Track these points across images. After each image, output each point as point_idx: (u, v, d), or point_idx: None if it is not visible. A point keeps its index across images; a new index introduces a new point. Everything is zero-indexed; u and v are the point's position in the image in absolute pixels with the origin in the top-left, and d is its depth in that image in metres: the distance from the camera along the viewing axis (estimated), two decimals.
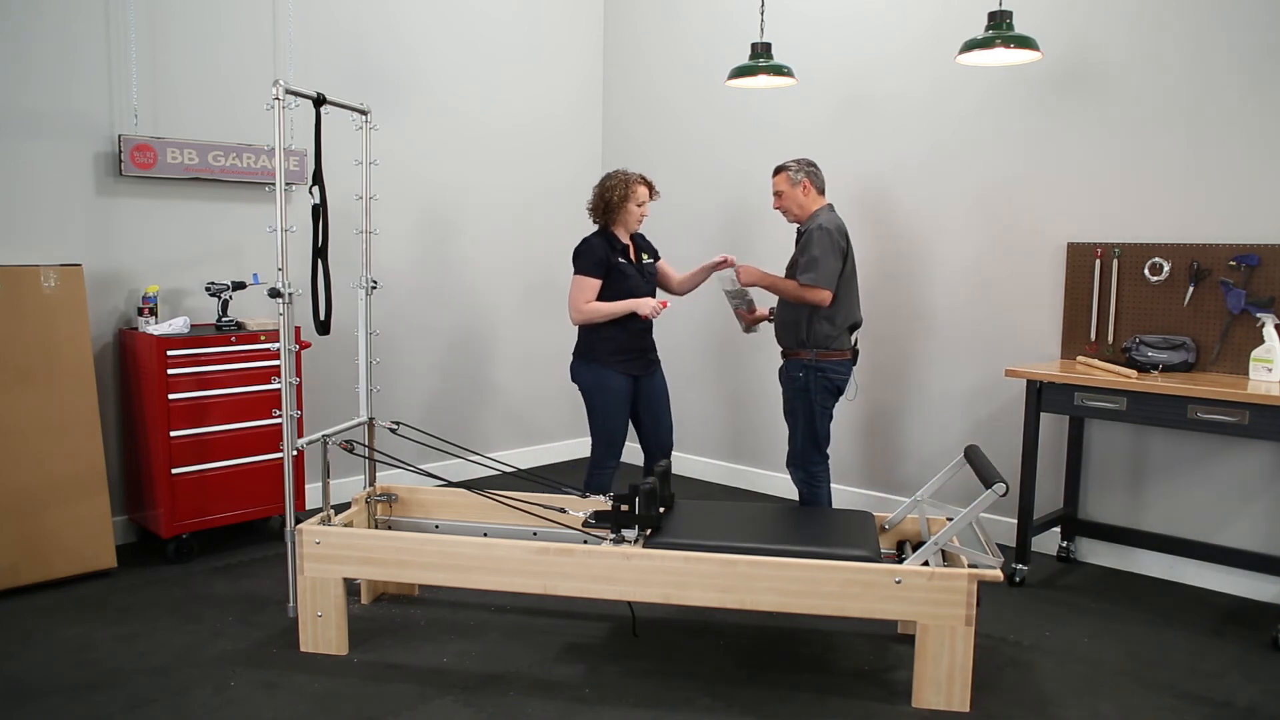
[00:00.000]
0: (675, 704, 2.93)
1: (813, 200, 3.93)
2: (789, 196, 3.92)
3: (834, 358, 3.86)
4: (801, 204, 3.92)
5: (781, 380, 4.00)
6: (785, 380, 3.96)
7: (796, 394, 3.90)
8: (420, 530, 3.66)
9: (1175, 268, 3.91)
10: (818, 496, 3.97)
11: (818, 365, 3.85)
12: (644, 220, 4.01)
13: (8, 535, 3.66)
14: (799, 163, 3.92)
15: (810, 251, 3.76)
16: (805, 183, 3.90)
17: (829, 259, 3.76)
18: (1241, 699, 3.02)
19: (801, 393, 3.88)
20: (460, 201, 5.42)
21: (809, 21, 5.00)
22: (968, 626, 2.84)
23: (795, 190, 3.90)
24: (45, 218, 4.02)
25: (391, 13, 5.03)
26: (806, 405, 3.89)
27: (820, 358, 3.85)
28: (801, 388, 3.88)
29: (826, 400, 3.90)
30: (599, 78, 6.05)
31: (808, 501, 3.98)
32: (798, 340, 3.88)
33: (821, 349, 3.84)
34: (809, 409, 3.89)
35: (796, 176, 3.89)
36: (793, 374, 3.90)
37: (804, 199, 3.92)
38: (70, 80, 4.03)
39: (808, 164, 3.93)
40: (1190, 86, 3.87)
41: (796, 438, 3.94)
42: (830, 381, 3.88)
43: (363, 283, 3.84)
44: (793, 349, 3.91)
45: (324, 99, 3.49)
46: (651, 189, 4.00)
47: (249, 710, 2.85)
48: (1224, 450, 3.89)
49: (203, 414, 4.08)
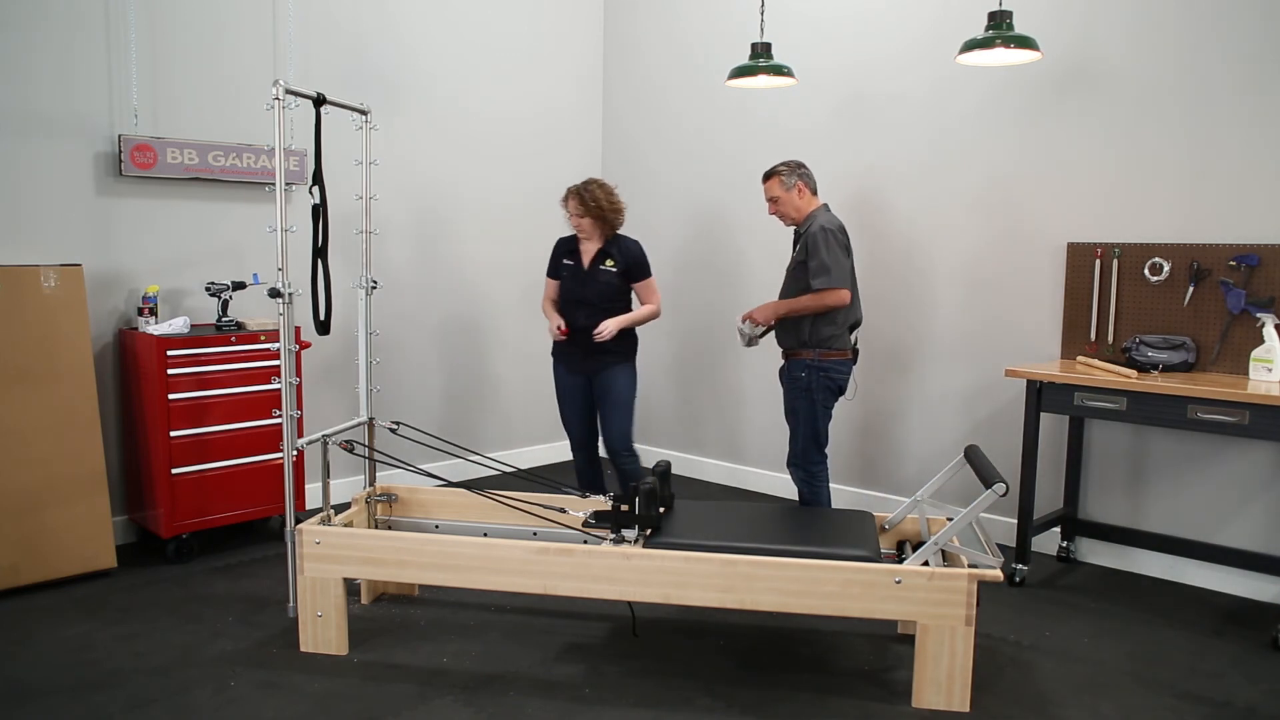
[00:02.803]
0: (675, 704, 2.93)
1: (808, 201, 3.94)
2: (785, 201, 3.93)
3: (836, 357, 3.87)
4: (798, 207, 3.93)
5: (782, 380, 4.00)
6: (787, 380, 3.96)
7: (799, 394, 3.90)
8: (420, 530, 3.66)
9: (1175, 268, 3.91)
10: (818, 495, 3.97)
11: (820, 365, 3.85)
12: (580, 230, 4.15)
13: (8, 535, 3.66)
14: (789, 166, 3.93)
15: (818, 256, 3.76)
16: (799, 185, 3.91)
17: (838, 258, 3.77)
18: (1241, 699, 3.02)
19: (804, 393, 3.88)
20: (460, 201, 5.42)
21: (809, 21, 4.99)
22: (968, 626, 2.84)
23: (790, 194, 3.92)
24: (45, 218, 4.02)
25: (391, 13, 5.03)
26: (808, 405, 3.89)
27: (823, 357, 3.85)
28: (804, 387, 3.88)
29: (828, 400, 3.91)
30: (599, 77, 6.05)
31: (808, 501, 3.98)
32: (800, 341, 3.88)
33: (824, 349, 3.85)
34: (811, 409, 3.89)
35: (790, 180, 3.90)
36: (795, 374, 3.90)
37: (800, 202, 3.93)
38: (70, 80, 4.03)
39: (798, 165, 3.94)
40: (1190, 86, 3.87)
41: (798, 438, 3.94)
42: (833, 381, 3.88)
43: (363, 283, 3.84)
44: (794, 349, 3.91)
45: (324, 99, 3.48)
46: (586, 202, 4.09)
47: (249, 710, 2.85)
48: (1224, 450, 3.89)
49: (203, 414, 4.08)
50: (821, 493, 3.98)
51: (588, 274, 4.16)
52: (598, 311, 4.12)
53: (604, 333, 4.02)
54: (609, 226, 4.17)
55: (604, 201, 4.12)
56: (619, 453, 4.24)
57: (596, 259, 4.16)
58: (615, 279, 4.16)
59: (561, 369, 4.29)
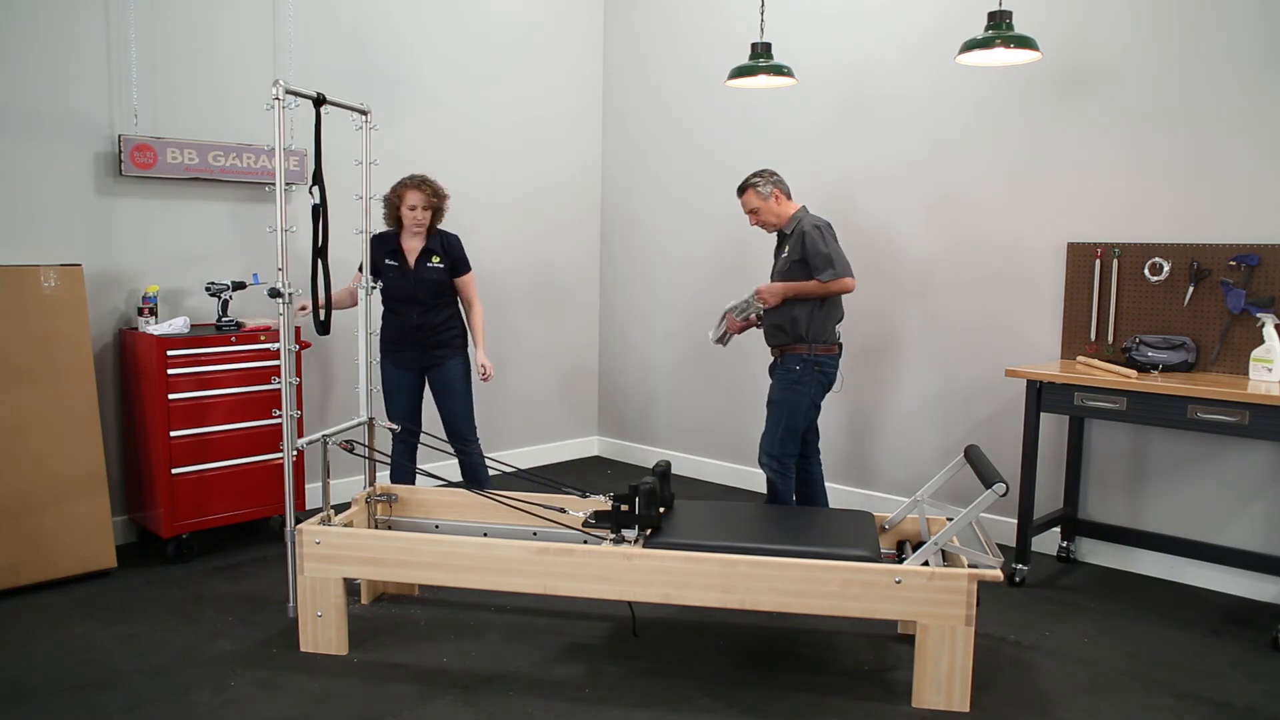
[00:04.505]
0: (675, 704, 2.93)
1: (786, 206, 4.03)
2: (765, 210, 4.02)
3: (830, 351, 3.96)
4: (777, 213, 4.02)
5: (773, 373, 4.05)
6: (780, 373, 4.01)
7: (789, 385, 3.96)
8: (420, 530, 3.65)
9: (1175, 268, 3.91)
10: (788, 488, 4.04)
11: (816, 359, 3.93)
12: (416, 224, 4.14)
13: (8, 535, 3.65)
14: (762, 176, 4.01)
15: (818, 250, 3.84)
16: (776, 193, 4.00)
17: (837, 250, 3.88)
18: (1241, 699, 3.02)
19: (795, 385, 3.95)
20: (460, 201, 5.40)
21: (809, 21, 4.99)
22: (968, 626, 2.84)
23: (769, 203, 4.00)
24: (45, 218, 4.01)
25: (391, 13, 5.03)
26: (796, 397, 3.95)
27: (819, 352, 3.92)
28: (797, 380, 3.94)
29: (820, 394, 4.00)
30: (599, 77, 6.05)
31: (778, 494, 4.04)
32: (796, 336, 3.93)
33: (821, 343, 3.92)
34: (797, 401, 3.96)
35: (765, 190, 3.98)
36: (790, 367, 3.96)
37: (779, 208, 4.02)
38: (70, 80, 4.03)
39: (770, 174, 4.02)
40: (1190, 86, 3.87)
41: (776, 429, 3.99)
42: (826, 375, 3.97)
43: (363, 283, 3.85)
44: (790, 344, 3.96)
45: (324, 99, 3.48)
46: (430, 193, 4.11)
47: (249, 710, 2.85)
48: (1224, 450, 3.89)
49: (203, 414, 4.08)
50: (790, 483, 4.05)
51: (414, 273, 4.17)
52: (429, 309, 4.17)
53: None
54: (438, 219, 4.22)
55: (441, 191, 4.20)
56: (466, 439, 4.31)
57: (422, 257, 4.18)
58: (444, 275, 4.20)
59: (386, 362, 4.26)
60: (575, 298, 6.05)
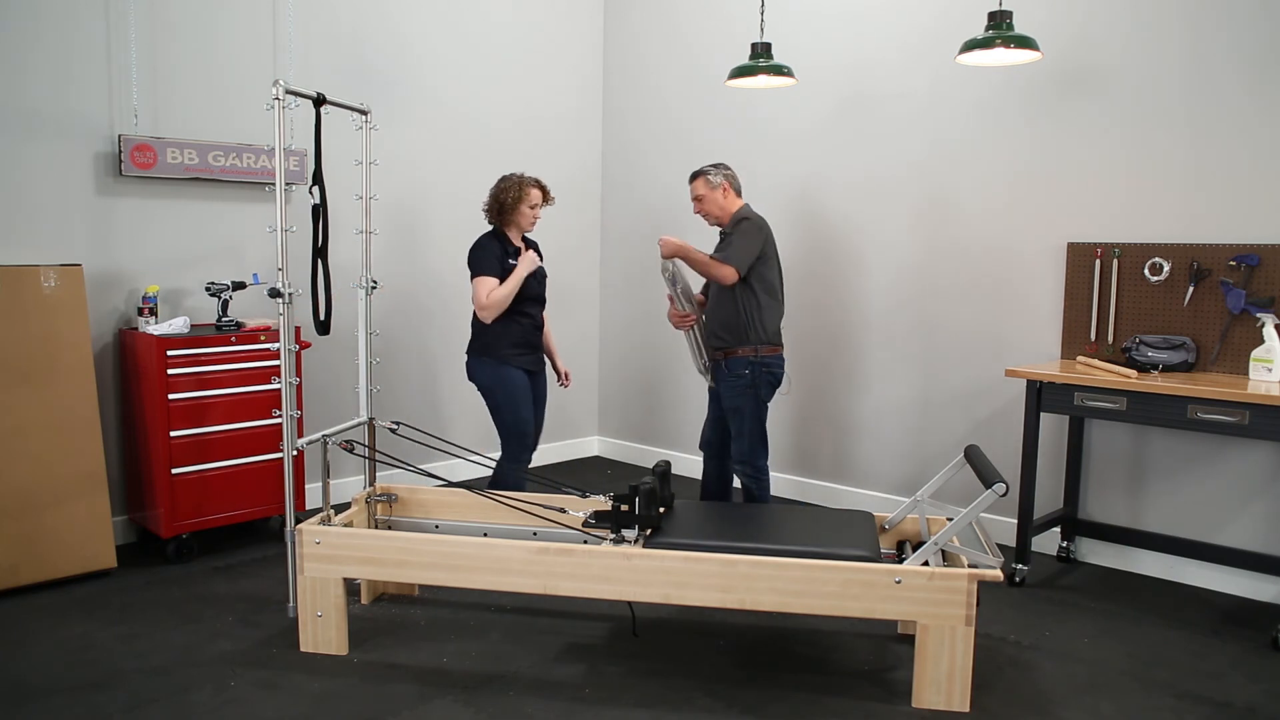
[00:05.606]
0: (675, 704, 2.93)
1: (731, 202, 4.05)
2: (709, 200, 4.04)
3: (775, 351, 3.98)
4: (722, 206, 4.04)
5: (718, 381, 4.04)
6: (727, 380, 3.99)
7: (741, 392, 3.96)
8: (420, 530, 3.66)
9: (1175, 268, 3.91)
10: (765, 493, 4.06)
11: (762, 360, 3.94)
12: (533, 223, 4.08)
13: (8, 535, 3.66)
14: (715, 167, 4.04)
15: (734, 238, 3.89)
16: (724, 185, 4.02)
17: (749, 245, 3.89)
18: (1241, 699, 3.02)
19: (747, 390, 3.95)
20: (460, 201, 5.42)
21: (809, 21, 4.99)
22: (968, 626, 2.84)
23: (715, 193, 4.02)
24: (45, 218, 4.02)
25: (391, 13, 5.03)
26: (753, 402, 3.96)
27: (765, 353, 3.94)
28: (748, 384, 3.95)
29: (769, 395, 4.00)
30: (599, 77, 6.05)
31: (756, 499, 4.05)
32: (739, 338, 3.94)
33: (767, 344, 3.94)
34: (756, 406, 3.97)
35: (715, 180, 4.00)
36: (738, 372, 3.95)
37: (724, 201, 4.04)
38: (70, 80, 4.03)
39: (724, 167, 4.06)
40: (1190, 86, 3.87)
41: (744, 437, 4.00)
42: (774, 375, 3.99)
43: (363, 283, 3.85)
44: (732, 347, 3.96)
45: (324, 99, 3.48)
46: (546, 193, 4.08)
47: (249, 710, 2.85)
48: (1224, 450, 3.89)
49: (203, 414, 4.08)
50: (767, 487, 4.07)
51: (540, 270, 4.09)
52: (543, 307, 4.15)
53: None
54: None
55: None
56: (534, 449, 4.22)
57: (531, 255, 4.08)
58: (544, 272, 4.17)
59: (512, 369, 3.99)
60: (575, 298, 6.05)
